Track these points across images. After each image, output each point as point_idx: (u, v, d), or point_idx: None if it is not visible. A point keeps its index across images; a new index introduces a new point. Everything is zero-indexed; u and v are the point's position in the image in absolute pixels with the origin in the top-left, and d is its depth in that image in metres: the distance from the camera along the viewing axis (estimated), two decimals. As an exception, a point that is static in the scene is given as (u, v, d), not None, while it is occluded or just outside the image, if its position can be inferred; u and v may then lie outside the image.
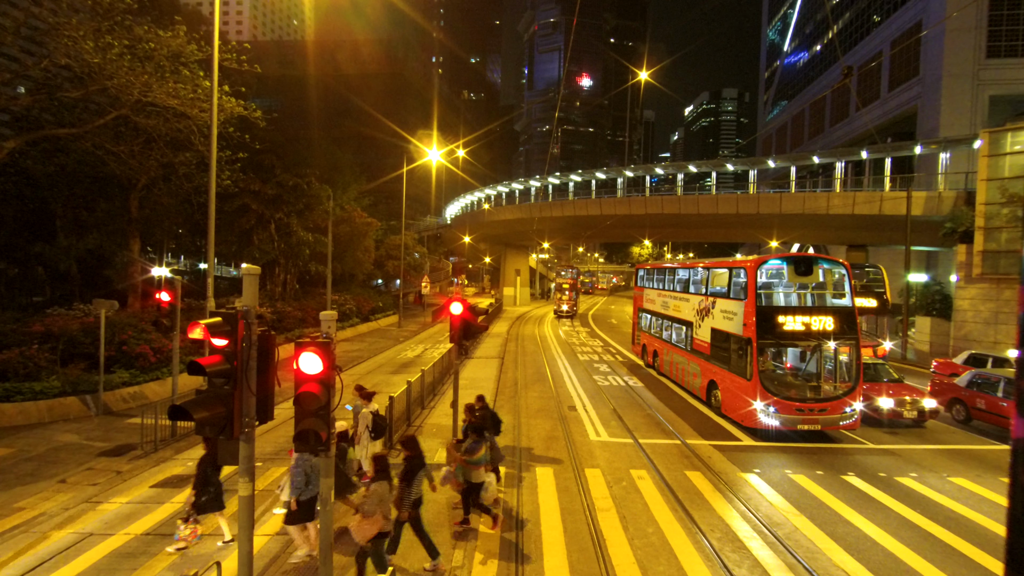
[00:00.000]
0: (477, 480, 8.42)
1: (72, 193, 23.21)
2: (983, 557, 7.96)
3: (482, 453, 8.46)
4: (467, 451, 8.46)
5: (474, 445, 8.44)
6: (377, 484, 6.57)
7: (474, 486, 8.44)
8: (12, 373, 14.28)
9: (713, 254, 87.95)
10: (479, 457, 8.40)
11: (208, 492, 7.73)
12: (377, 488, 6.54)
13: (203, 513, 7.75)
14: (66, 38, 15.29)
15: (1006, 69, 38.97)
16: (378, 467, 6.75)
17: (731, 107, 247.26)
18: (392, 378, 20.56)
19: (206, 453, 7.88)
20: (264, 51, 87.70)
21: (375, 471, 6.74)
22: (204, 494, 7.70)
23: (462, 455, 8.42)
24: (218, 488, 7.85)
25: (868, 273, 22.95)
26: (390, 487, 6.77)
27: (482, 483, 8.49)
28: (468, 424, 9.05)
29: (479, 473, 8.43)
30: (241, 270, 5.26)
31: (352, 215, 38.45)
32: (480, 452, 8.43)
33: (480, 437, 8.57)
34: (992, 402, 14.50)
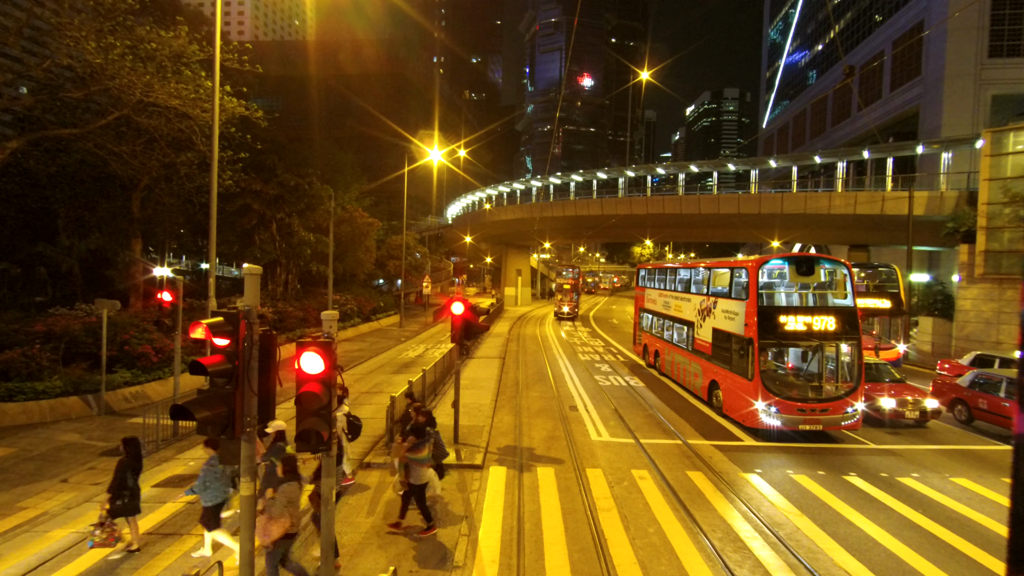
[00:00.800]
0: (420, 480, 8.33)
1: (74, 193, 23.25)
2: (985, 557, 7.95)
3: (426, 452, 8.37)
4: (410, 449, 8.35)
5: (417, 444, 8.31)
6: (287, 485, 6.47)
7: (417, 487, 8.34)
8: (14, 373, 14.31)
9: (714, 254, 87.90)
10: (423, 456, 8.31)
11: (123, 496, 7.55)
12: (286, 489, 6.44)
13: (117, 517, 7.54)
14: (68, 38, 15.32)
15: (1008, 69, 38.86)
16: (287, 468, 6.64)
17: (732, 107, 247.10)
18: (393, 378, 20.57)
19: (125, 457, 7.70)
20: (265, 51, 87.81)
21: (284, 472, 6.62)
22: (119, 498, 7.53)
23: (406, 453, 8.33)
24: (134, 493, 7.66)
25: (881, 273, 22.33)
26: (300, 488, 6.68)
27: (426, 484, 8.41)
28: (413, 425, 8.80)
29: (424, 473, 8.36)
30: (243, 270, 5.26)
31: (353, 215, 38.49)
32: (424, 451, 8.34)
33: (422, 437, 8.43)
34: (994, 402, 14.46)
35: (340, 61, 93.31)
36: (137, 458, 7.88)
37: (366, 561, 7.61)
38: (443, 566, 7.50)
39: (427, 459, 8.42)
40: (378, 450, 11.96)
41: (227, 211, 28.75)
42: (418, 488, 8.35)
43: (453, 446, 12.27)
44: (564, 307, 48.32)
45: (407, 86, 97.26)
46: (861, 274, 22.23)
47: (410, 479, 8.33)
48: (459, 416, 12.73)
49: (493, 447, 12.62)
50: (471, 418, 14.64)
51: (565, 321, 46.76)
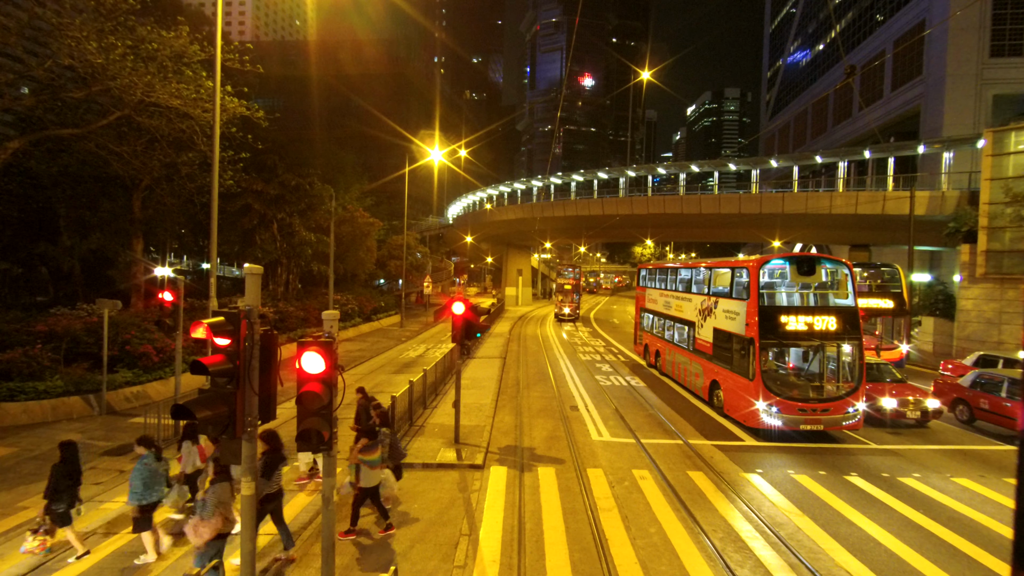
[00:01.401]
0: (370, 483, 8.18)
1: (75, 193, 23.28)
2: (987, 558, 7.93)
3: (377, 455, 8.22)
4: (362, 451, 8.19)
5: (370, 446, 8.17)
6: (218, 485, 6.43)
7: (368, 490, 8.20)
8: (16, 372, 14.33)
9: (715, 254, 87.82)
10: (374, 458, 8.17)
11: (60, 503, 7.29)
12: (217, 489, 6.40)
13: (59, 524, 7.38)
14: (69, 39, 15.33)
15: (1010, 68, 38.81)
16: (219, 468, 6.59)
17: (733, 107, 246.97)
18: (394, 378, 20.58)
19: (59, 462, 7.44)
20: (266, 51, 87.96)
21: (215, 472, 6.58)
22: (56, 504, 7.29)
23: (357, 454, 8.21)
24: (71, 502, 7.39)
25: (884, 273, 22.25)
26: (232, 488, 6.61)
27: (377, 486, 8.27)
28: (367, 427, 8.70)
29: (374, 475, 8.21)
30: (243, 270, 5.27)
31: (354, 215, 38.51)
32: (375, 453, 8.18)
33: (375, 438, 8.28)
34: (996, 402, 14.43)
35: (341, 61, 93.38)
36: (71, 462, 7.54)
37: (367, 561, 7.61)
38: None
39: (378, 461, 8.24)
40: (379, 450, 11.95)
41: (228, 211, 28.78)
42: (369, 491, 8.21)
43: (454, 446, 12.28)
44: (565, 308, 46.56)
45: (408, 86, 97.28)
46: (864, 274, 22.19)
47: (360, 482, 8.18)
48: (460, 416, 12.73)
49: (494, 447, 12.62)
50: (472, 418, 14.64)
51: (566, 323, 45.39)
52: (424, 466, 11.24)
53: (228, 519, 6.49)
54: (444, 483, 10.43)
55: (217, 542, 6.45)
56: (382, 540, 8.20)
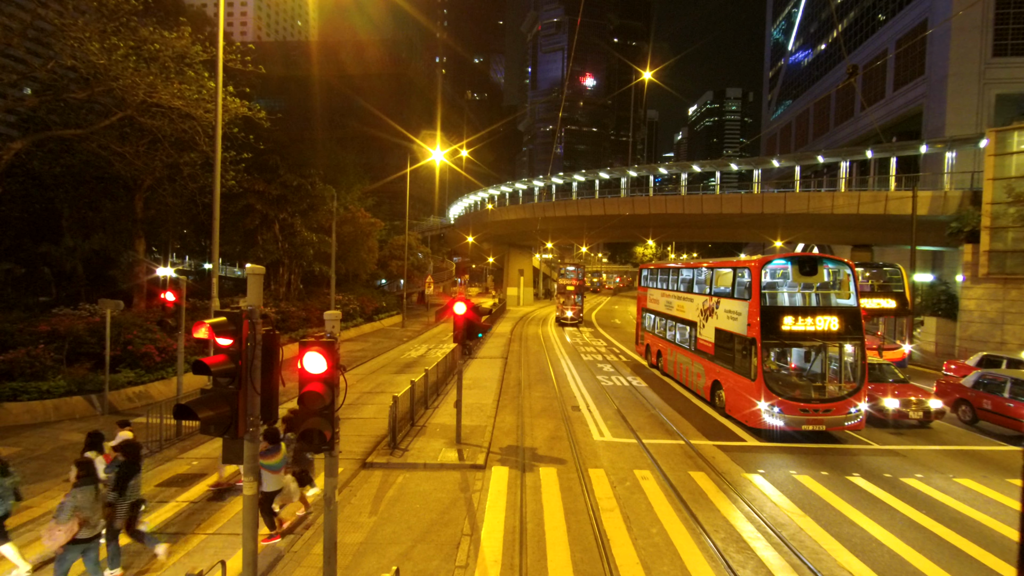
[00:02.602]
0: (271, 488, 8.06)
1: (78, 193, 23.33)
2: (989, 558, 7.92)
3: (277, 459, 8.09)
4: (262, 455, 7.85)
5: (269, 450, 8.01)
6: (79, 490, 6.39)
7: (268, 494, 8.06)
8: (19, 372, 14.37)
9: (717, 254, 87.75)
10: (274, 462, 8.04)
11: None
12: (77, 493, 6.35)
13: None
14: (72, 39, 15.38)
15: (1012, 68, 38.71)
16: (82, 472, 6.57)
17: (735, 107, 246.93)
18: (396, 378, 20.59)
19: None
20: (268, 52, 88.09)
21: (78, 477, 6.53)
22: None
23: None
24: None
25: (886, 272, 22.21)
26: (96, 494, 6.55)
27: (277, 491, 8.18)
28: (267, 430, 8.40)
29: (275, 480, 8.10)
30: (245, 270, 5.27)
31: (356, 215, 38.53)
32: (275, 457, 8.06)
33: (275, 442, 8.13)
34: (999, 403, 14.40)
35: (342, 61, 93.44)
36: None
37: (368, 561, 7.62)
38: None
39: (279, 465, 8.11)
40: (380, 450, 11.97)
41: (230, 211, 28.81)
42: (269, 495, 8.07)
43: (456, 446, 12.29)
44: (567, 311, 43.00)
45: (409, 86, 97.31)
46: (866, 274, 22.16)
47: (263, 487, 7.91)
48: (461, 416, 12.74)
49: (495, 447, 12.62)
50: (473, 418, 14.64)
51: (568, 327, 42.23)
52: (426, 466, 11.24)
53: (88, 524, 6.38)
54: (446, 483, 10.44)
55: (75, 547, 6.38)
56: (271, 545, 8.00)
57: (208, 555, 7.62)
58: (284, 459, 8.33)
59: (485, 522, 8.80)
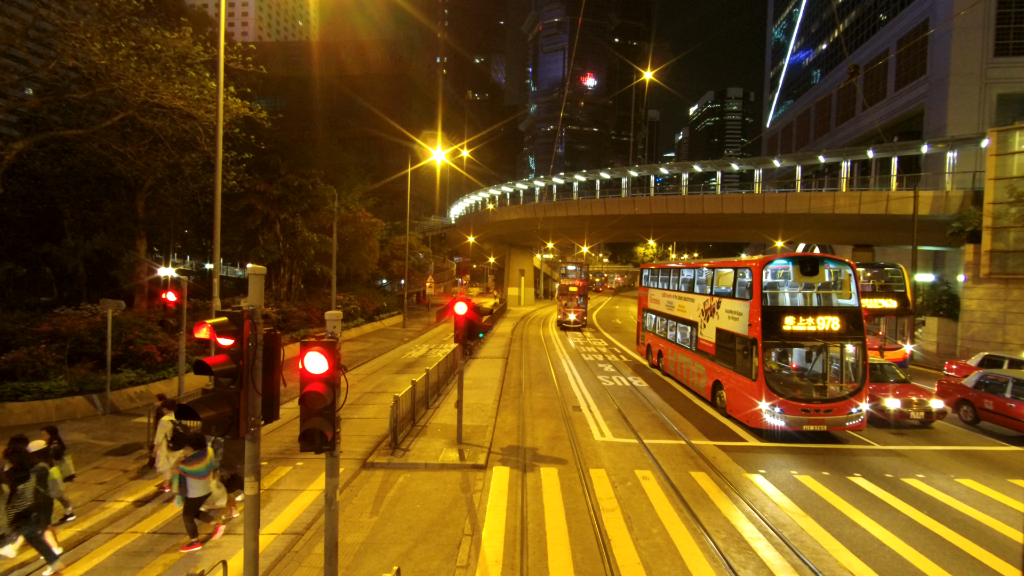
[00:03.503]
0: (196, 494, 7.87)
1: (79, 194, 23.38)
2: (991, 559, 7.90)
3: (203, 464, 7.89)
4: (186, 460, 7.85)
5: (194, 456, 7.87)
6: None
7: (193, 500, 7.88)
8: (20, 372, 14.40)
9: (718, 254, 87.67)
10: (199, 468, 7.85)
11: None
12: None
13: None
14: (74, 40, 15.40)
15: (1014, 68, 38.64)
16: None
17: (736, 107, 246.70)
18: (397, 378, 20.60)
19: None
20: (269, 52, 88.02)
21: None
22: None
23: (179, 464, 7.88)
24: None
25: (887, 272, 22.17)
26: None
27: (203, 497, 7.96)
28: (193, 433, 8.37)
29: (202, 485, 7.90)
30: (247, 270, 5.28)
31: (357, 215, 38.57)
32: (200, 463, 7.86)
33: (201, 447, 7.97)
34: (1000, 403, 14.37)
35: (343, 62, 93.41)
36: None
37: (369, 561, 7.63)
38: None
39: (205, 471, 7.90)
40: (381, 450, 11.97)
41: (231, 211, 28.85)
42: (193, 501, 7.89)
43: (457, 446, 12.30)
44: (570, 314, 39.76)
45: (410, 86, 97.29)
46: (867, 274, 22.13)
47: (187, 493, 7.84)
48: (462, 416, 12.75)
49: (496, 447, 12.62)
50: (474, 418, 14.65)
51: (571, 331, 39.24)
52: (427, 466, 11.25)
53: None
54: (447, 483, 10.44)
55: None
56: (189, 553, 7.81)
57: (209, 555, 7.63)
58: (211, 464, 8.09)
59: (486, 522, 8.80)
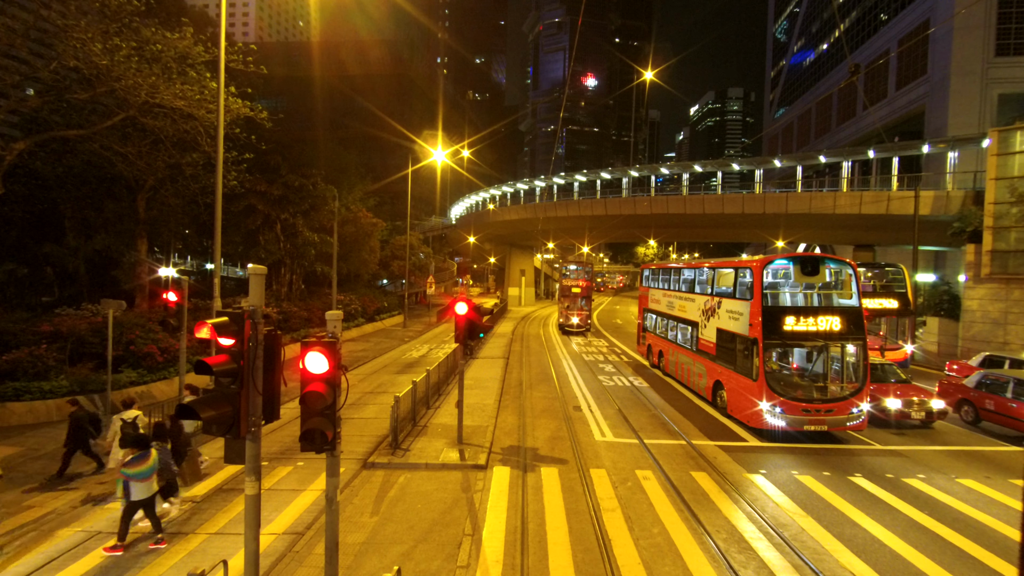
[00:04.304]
0: (140, 496, 7.78)
1: (80, 194, 23.40)
2: (992, 559, 7.89)
3: (145, 466, 7.79)
4: (128, 463, 7.76)
5: (136, 458, 7.79)
6: None
7: (138, 503, 7.79)
8: (21, 372, 14.42)
9: (719, 254, 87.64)
10: (141, 470, 7.74)
11: None
12: None
13: None
14: (75, 40, 15.43)
15: (1015, 67, 38.61)
16: None
17: (737, 107, 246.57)
18: (397, 378, 20.60)
19: None
20: (270, 52, 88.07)
21: None
22: None
23: (121, 467, 7.80)
24: None
25: (888, 272, 22.13)
26: None
27: (147, 499, 7.87)
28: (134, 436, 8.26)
29: (146, 487, 7.82)
30: (247, 270, 5.29)
31: (357, 215, 38.59)
32: (142, 465, 7.76)
33: (144, 449, 7.88)
34: (1001, 403, 14.36)
35: (344, 62, 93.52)
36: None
37: (369, 561, 7.63)
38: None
39: (147, 473, 7.81)
40: (381, 450, 11.98)
41: (232, 211, 28.88)
42: (140, 503, 7.82)
43: (457, 446, 12.30)
44: (572, 317, 36.84)
45: (411, 87, 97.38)
46: (868, 274, 22.12)
47: (130, 496, 7.77)
48: (463, 416, 12.75)
49: (497, 447, 12.62)
50: (475, 418, 14.65)
51: (574, 335, 36.36)
52: (427, 466, 11.25)
53: None
54: (447, 483, 10.44)
55: None
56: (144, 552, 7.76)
57: (210, 555, 7.63)
58: (154, 466, 7.97)
59: (487, 522, 8.80)
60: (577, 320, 36.91)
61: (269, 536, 8.17)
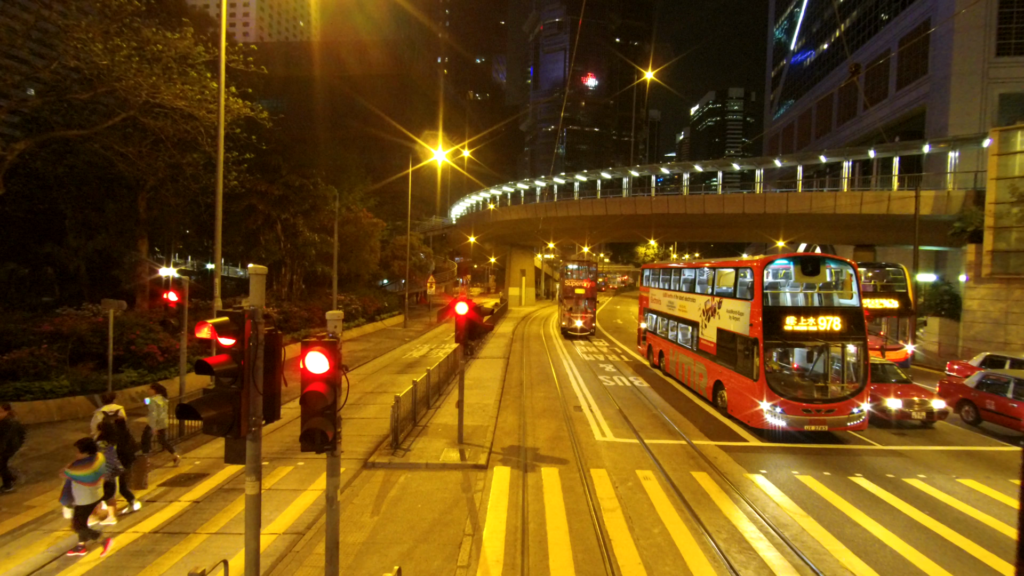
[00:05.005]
0: (83, 501, 7.66)
1: (81, 194, 23.43)
2: (992, 559, 7.89)
3: (91, 470, 7.66)
4: (72, 465, 7.65)
5: (81, 461, 7.68)
6: None
7: (81, 508, 7.67)
8: (22, 372, 14.43)
9: (719, 254, 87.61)
10: (85, 473, 7.61)
11: None
12: None
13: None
14: (75, 40, 15.44)
15: (1016, 67, 38.55)
16: None
17: (737, 106, 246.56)
18: (398, 378, 20.61)
19: None
20: (270, 52, 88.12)
21: None
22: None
23: (65, 469, 7.70)
24: None
25: (889, 272, 22.11)
26: None
27: (94, 504, 7.79)
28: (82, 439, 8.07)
29: (89, 492, 7.69)
30: (248, 270, 5.29)
31: (358, 215, 38.61)
32: (87, 468, 7.64)
33: (91, 451, 7.75)
34: (1002, 403, 14.35)
35: (345, 62, 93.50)
36: None
37: (370, 561, 7.63)
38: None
39: (91, 477, 7.67)
40: (382, 450, 11.98)
41: (232, 211, 28.89)
42: (82, 508, 7.67)
43: (458, 446, 12.30)
44: (576, 320, 34.51)
45: (411, 87, 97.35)
46: (869, 274, 22.11)
47: (72, 499, 7.66)
48: (463, 416, 12.75)
49: (497, 447, 12.62)
50: (475, 418, 14.65)
51: (578, 339, 34.25)
52: (428, 466, 11.25)
53: None
54: (448, 483, 10.44)
55: None
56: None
57: (210, 555, 7.64)
58: (101, 469, 7.84)
59: (487, 522, 8.80)
60: (581, 323, 34.72)
61: (270, 536, 8.18)
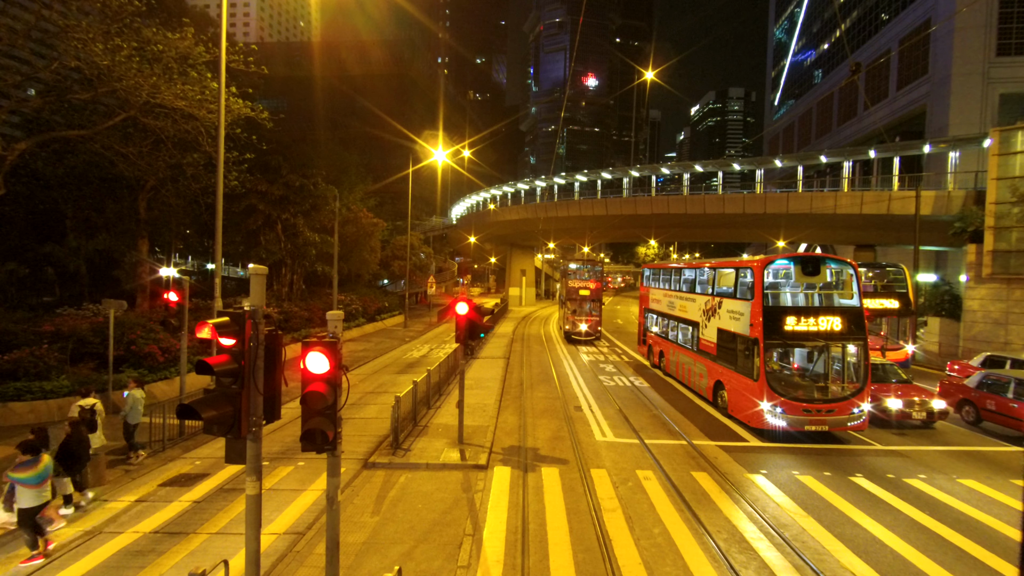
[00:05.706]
0: (29, 504, 7.53)
1: (81, 194, 23.42)
2: (993, 559, 7.89)
3: (34, 472, 7.55)
4: (16, 467, 7.57)
5: (26, 463, 7.60)
6: None
7: (27, 511, 7.54)
8: (23, 372, 14.42)
9: (719, 254, 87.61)
10: (29, 476, 7.52)
11: None
12: None
13: None
14: (76, 40, 15.44)
15: (1017, 67, 38.56)
16: None
17: (737, 106, 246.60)
18: (398, 378, 20.61)
19: None
20: (271, 52, 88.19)
21: None
22: None
23: (8, 472, 7.63)
24: None
25: (889, 272, 22.13)
26: None
27: (39, 506, 7.62)
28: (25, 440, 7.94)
29: (34, 494, 7.57)
30: (248, 270, 5.29)
31: (358, 215, 38.61)
32: (31, 471, 7.54)
33: (34, 453, 7.69)
34: (1002, 403, 14.34)
35: (345, 62, 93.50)
36: None
37: (370, 561, 7.63)
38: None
39: (35, 479, 7.57)
40: (382, 450, 11.98)
41: (233, 212, 28.88)
42: (27, 511, 7.55)
43: (458, 446, 12.30)
44: (580, 324, 32.50)
45: (411, 87, 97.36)
46: (869, 274, 22.11)
47: (15, 502, 7.56)
48: (464, 416, 12.75)
49: (498, 447, 12.63)
50: (475, 418, 14.65)
51: (581, 344, 32.26)
52: (428, 466, 11.26)
53: None
54: (448, 483, 10.45)
55: None
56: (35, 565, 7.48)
57: (211, 555, 7.64)
58: (44, 473, 7.71)
59: (487, 522, 8.80)
60: (586, 327, 32.63)
61: (270, 536, 8.18)
